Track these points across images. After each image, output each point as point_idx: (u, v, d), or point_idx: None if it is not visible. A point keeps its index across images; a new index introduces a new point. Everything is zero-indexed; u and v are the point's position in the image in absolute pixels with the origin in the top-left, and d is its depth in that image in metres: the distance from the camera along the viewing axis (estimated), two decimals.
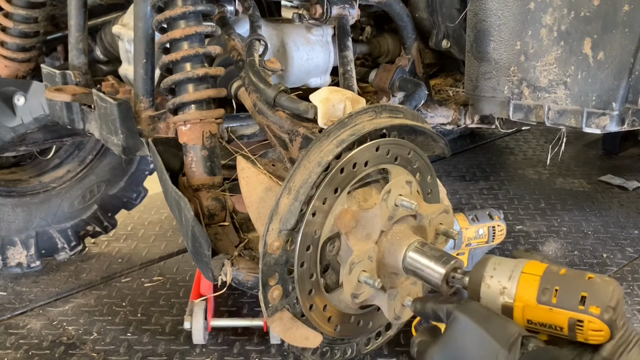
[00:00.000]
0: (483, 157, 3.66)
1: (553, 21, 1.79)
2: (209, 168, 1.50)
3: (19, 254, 2.34)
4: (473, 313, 1.06)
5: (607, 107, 1.77)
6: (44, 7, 2.01)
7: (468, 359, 1.05)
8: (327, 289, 1.28)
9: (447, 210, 1.37)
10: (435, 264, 1.20)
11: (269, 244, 1.15)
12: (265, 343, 1.97)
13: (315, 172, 1.16)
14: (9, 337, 2.05)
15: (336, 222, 1.23)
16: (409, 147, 1.33)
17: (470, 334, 1.05)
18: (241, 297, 2.21)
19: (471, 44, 1.96)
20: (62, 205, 2.42)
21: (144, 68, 1.61)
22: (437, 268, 1.19)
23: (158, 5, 1.51)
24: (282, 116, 1.47)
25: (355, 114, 1.25)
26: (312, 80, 2.03)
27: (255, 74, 1.56)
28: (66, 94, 1.74)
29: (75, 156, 2.50)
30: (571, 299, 1.02)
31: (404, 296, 1.30)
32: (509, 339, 1.01)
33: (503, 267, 1.11)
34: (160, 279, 2.39)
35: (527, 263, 1.11)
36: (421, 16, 2.15)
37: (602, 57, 1.74)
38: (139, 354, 1.95)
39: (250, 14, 1.78)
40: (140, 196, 2.66)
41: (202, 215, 1.43)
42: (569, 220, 2.82)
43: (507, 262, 1.12)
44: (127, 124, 1.58)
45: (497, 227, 2.02)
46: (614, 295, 1.01)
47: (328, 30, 2.01)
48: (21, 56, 2.04)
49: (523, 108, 1.92)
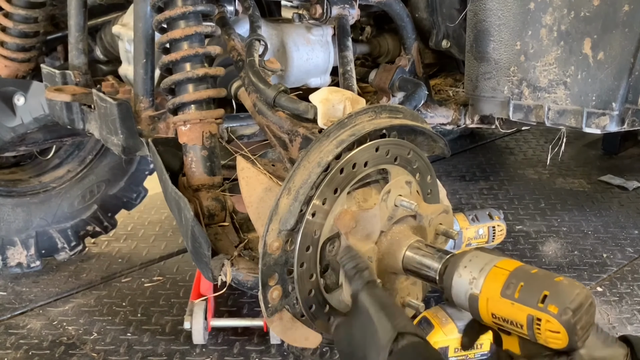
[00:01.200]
0: (483, 157, 3.66)
1: (553, 21, 1.79)
2: (208, 168, 1.50)
3: (19, 254, 2.34)
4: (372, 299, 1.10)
5: (607, 107, 1.77)
6: (44, 7, 2.01)
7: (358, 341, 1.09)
8: (327, 289, 1.28)
9: (447, 210, 1.37)
10: (431, 260, 1.21)
11: (269, 244, 1.15)
12: (265, 343, 1.97)
13: (315, 172, 1.16)
14: (9, 337, 2.05)
15: (336, 222, 1.23)
16: (408, 147, 1.33)
17: (364, 318, 1.09)
18: (241, 297, 2.21)
19: (471, 44, 1.96)
20: (62, 205, 2.42)
21: (144, 68, 1.61)
22: (432, 264, 1.20)
23: (158, 5, 1.51)
24: (282, 116, 1.47)
25: (355, 114, 1.25)
26: (312, 80, 2.03)
27: (255, 74, 1.56)
28: (66, 94, 1.74)
29: (75, 156, 2.50)
30: (532, 296, 1.02)
31: (404, 296, 1.30)
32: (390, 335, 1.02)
33: (478, 260, 1.13)
34: (160, 279, 2.39)
35: (502, 260, 1.12)
36: (421, 16, 2.15)
37: (602, 57, 1.74)
38: (139, 354, 1.95)
39: (250, 14, 1.78)
40: (140, 196, 2.66)
41: (202, 215, 1.43)
42: (569, 220, 2.82)
43: (484, 256, 1.14)
44: (127, 124, 1.58)
45: (497, 227, 2.02)
46: (576, 299, 1.00)
47: (328, 30, 2.01)
48: (21, 56, 2.04)
49: (523, 108, 1.92)
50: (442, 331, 1.78)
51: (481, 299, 1.09)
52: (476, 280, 1.10)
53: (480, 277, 1.10)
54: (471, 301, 1.10)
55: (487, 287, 1.08)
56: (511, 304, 1.04)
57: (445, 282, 1.16)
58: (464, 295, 1.12)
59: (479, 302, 1.09)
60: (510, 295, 1.05)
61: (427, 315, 1.83)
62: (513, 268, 1.09)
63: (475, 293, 1.10)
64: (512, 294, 1.05)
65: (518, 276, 1.07)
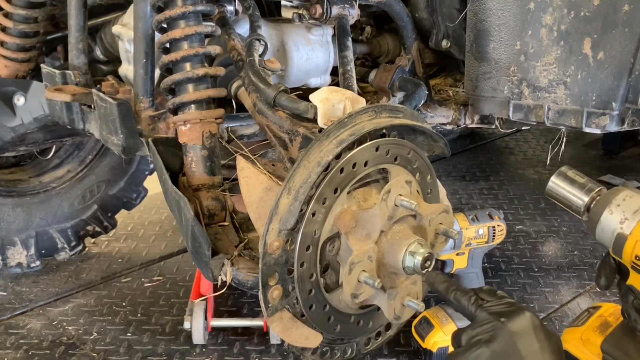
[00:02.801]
0: (483, 157, 3.66)
1: (553, 21, 1.79)
2: (208, 168, 1.50)
3: (19, 254, 2.34)
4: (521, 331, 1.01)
5: (607, 107, 1.77)
6: (44, 7, 2.01)
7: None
8: (327, 289, 1.28)
9: (447, 210, 1.37)
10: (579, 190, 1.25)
11: (269, 243, 1.15)
12: (265, 343, 1.97)
13: (315, 172, 1.16)
14: (9, 337, 2.05)
15: (336, 222, 1.23)
16: (408, 147, 1.33)
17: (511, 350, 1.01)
18: (241, 297, 2.21)
19: (471, 44, 1.96)
20: (62, 205, 2.42)
21: (144, 68, 1.61)
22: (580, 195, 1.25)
23: (158, 5, 1.51)
24: (282, 116, 1.47)
25: (355, 114, 1.25)
26: (312, 80, 2.03)
27: (255, 74, 1.56)
28: (66, 94, 1.74)
29: (75, 156, 2.50)
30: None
31: (404, 296, 1.30)
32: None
33: (633, 201, 1.16)
34: (160, 279, 2.39)
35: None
36: (421, 16, 2.15)
37: (602, 57, 1.74)
38: (139, 354, 1.95)
39: (250, 14, 1.78)
40: (140, 196, 2.66)
41: (202, 215, 1.43)
42: (569, 220, 2.82)
43: (638, 198, 1.17)
44: (127, 124, 1.58)
45: (497, 227, 2.02)
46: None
47: (328, 30, 2.01)
48: (21, 56, 2.04)
49: (523, 108, 1.92)
50: (442, 331, 1.78)
51: (630, 240, 1.13)
52: (628, 222, 1.14)
53: (634, 219, 1.14)
54: (618, 239, 1.14)
55: (638, 231, 1.13)
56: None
57: (592, 215, 1.19)
58: (610, 233, 1.16)
59: (627, 243, 1.13)
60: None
61: (427, 315, 1.83)
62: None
63: (625, 234, 1.14)
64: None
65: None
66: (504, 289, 2.28)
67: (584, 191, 1.25)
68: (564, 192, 1.28)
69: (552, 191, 1.30)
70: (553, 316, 2.13)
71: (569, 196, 1.27)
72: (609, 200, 1.18)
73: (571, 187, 1.27)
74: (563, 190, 1.28)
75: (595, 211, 1.19)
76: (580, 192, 1.25)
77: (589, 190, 1.24)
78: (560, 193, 1.29)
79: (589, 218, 1.21)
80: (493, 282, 2.33)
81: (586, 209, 1.23)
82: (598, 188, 1.25)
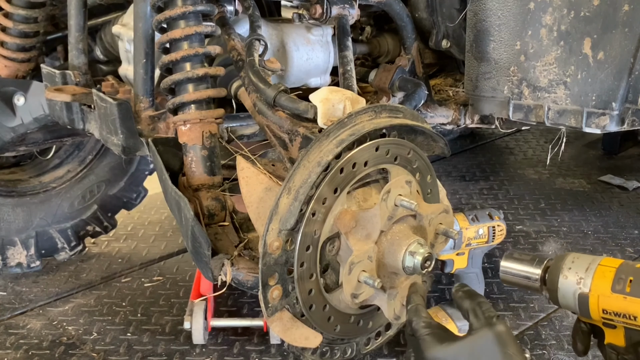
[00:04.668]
0: (483, 157, 3.67)
1: (553, 21, 1.79)
2: (208, 168, 1.50)
3: (19, 254, 2.34)
4: (500, 338, 1.05)
5: (607, 107, 1.77)
6: (44, 7, 2.01)
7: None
8: (327, 289, 1.28)
9: (447, 210, 1.37)
10: (529, 267, 1.28)
11: (269, 243, 1.15)
12: (265, 343, 1.97)
13: (315, 172, 1.16)
14: (9, 337, 2.05)
15: (336, 222, 1.23)
16: (408, 147, 1.33)
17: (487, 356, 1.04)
18: (241, 297, 2.21)
19: (471, 44, 1.96)
20: (62, 205, 2.43)
21: (144, 68, 1.61)
22: (532, 270, 1.27)
23: (158, 5, 1.51)
24: (282, 116, 1.47)
25: (355, 114, 1.25)
26: (312, 80, 2.03)
27: (255, 74, 1.56)
28: (66, 94, 1.74)
29: (75, 156, 2.50)
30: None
31: (404, 296, 1.30)
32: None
33: (581, 261, 1.19)
34: (160, 279, 2.39)
35: (604, 258, 1.19)
36: (421, 16, 2.15)
37: (602, 57, 1.74)
38: (139, 354, 1.95)
39: (250, 14, 1.78)
40: (140, 196, 2.66)
41: (201, 215, 1.43)
42: (569, 220, 2.82)
43: (584, 257, 1.21)
44: (127, 124, 1.58)
45: (497, 227, 2.02)
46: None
47: (328, 30, 2.01)
48: (21, 56, 2.04)
49: (523, 108, 1.92)
50: None
51: (592, 296, 1.15)
52: (584, 280, 1.16)
53: (588, 276, 1.16)
54: (581, 299, 1.16)
55: (597, 285, 1.14)
56: (623, 298, 1.11)
57: (550, 285, 1.21)
58: (572, 295, 1.17)
59: (590, 300, 1.15)
60: (621, 290, 1.11)
61: None
62: (617, 265, 1.15)
63: (585, 292, 1.15)
64: (622, 288, 1.11)
65: (625, 271, 1.13)
66: (504, 289, 2.28)
67: (534, 266, 1.27)
68: (517, 272, 1.30)
69: (506, 275, 1.32)
70: (553, 316, 2.13)
71: (522, 274, 1.29)
72: (560, 267, 1.21)
73: (521, 265, 1.29)
74: (516, 271, 1.30)
75: (551, 280, 1.21)
76: (532, 267, 1.27)
77: (540, 263, 1.26)
78: (515, 274, 1.30)
79: (548, 289, 1.23)
80: (493, 282, 2.33)
81: (542, 281, 1.25)
82: (546, 259, 1.28)
